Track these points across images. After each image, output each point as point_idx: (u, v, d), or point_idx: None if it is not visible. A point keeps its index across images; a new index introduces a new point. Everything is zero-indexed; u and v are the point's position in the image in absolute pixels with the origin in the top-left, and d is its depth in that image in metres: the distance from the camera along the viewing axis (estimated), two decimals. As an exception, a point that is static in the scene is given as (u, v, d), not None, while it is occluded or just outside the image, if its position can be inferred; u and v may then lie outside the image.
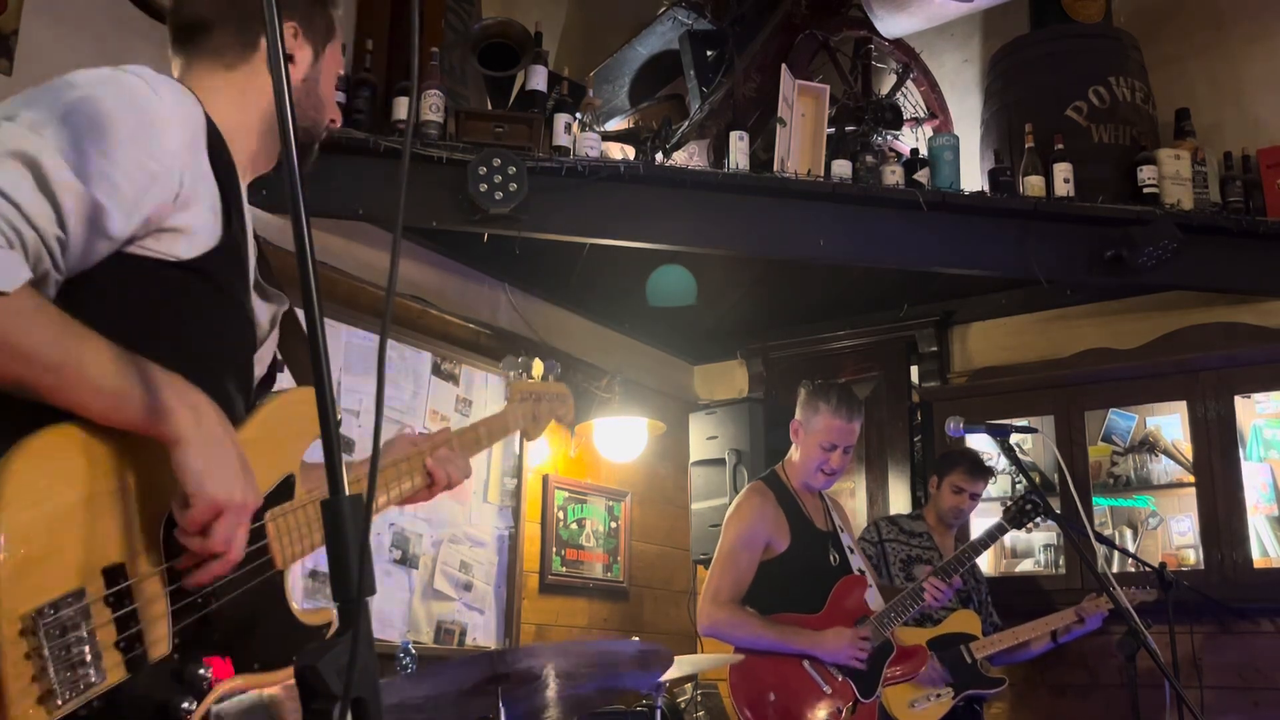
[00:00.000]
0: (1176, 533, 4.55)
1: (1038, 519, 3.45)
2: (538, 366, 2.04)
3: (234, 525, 1.19)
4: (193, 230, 1.28)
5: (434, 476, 1.69)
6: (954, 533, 4.12)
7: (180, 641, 1.18)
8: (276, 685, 1.29)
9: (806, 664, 3.14)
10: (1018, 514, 3.39)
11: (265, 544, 1.31)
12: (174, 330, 1.28)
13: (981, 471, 4.02)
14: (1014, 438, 2.95)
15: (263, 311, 1.46)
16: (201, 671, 1.18)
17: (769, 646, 3.13)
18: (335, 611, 1.34)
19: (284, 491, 1.35)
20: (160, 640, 1.16)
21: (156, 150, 1.23)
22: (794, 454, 3.37)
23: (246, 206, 1.41)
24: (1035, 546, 4.81)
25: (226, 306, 1.35)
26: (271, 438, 1.34)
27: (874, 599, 3.31)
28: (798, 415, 3.36)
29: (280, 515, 1.33)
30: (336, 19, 1.59)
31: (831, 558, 3.31)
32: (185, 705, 1.16)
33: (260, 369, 1.47)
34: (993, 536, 3.54)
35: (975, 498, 4.01)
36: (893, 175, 4.05)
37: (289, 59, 1.46)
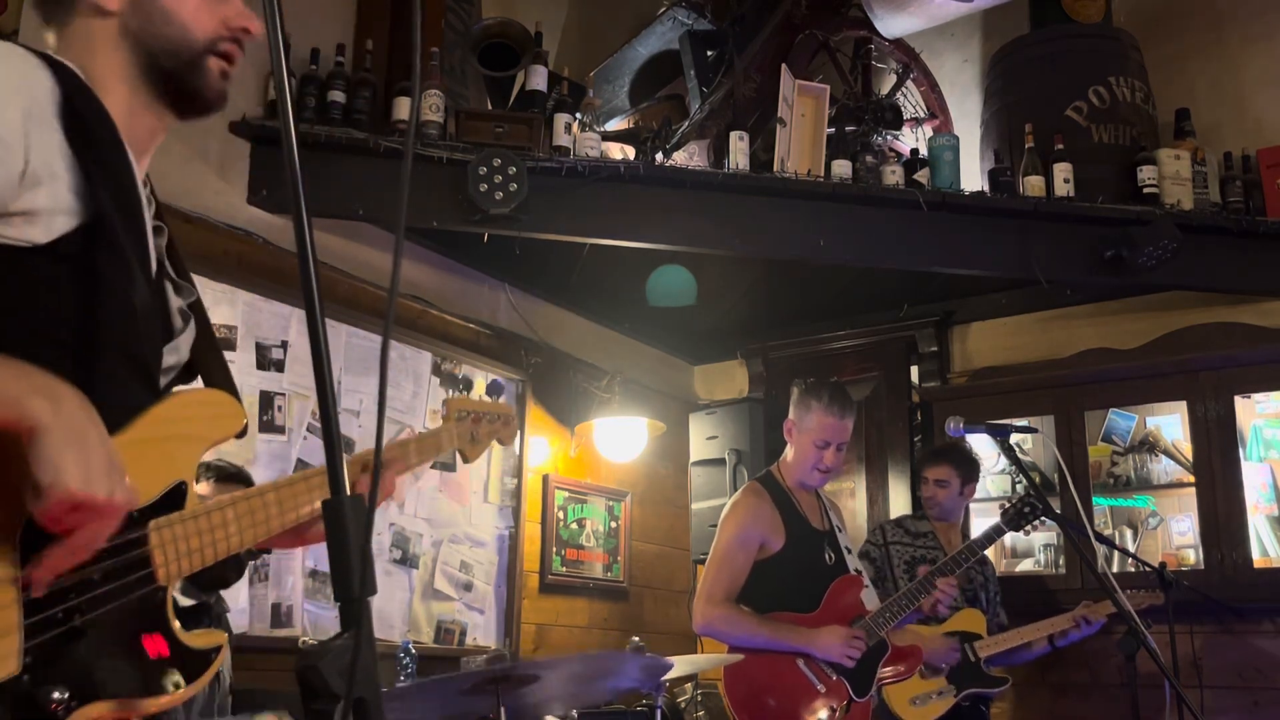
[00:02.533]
0: (1176, 533, 4.54)
1: (1036, 521, 3.44)
2: (479, 385, 1.96)
3: (101, 528, 1.05)
4: (47, 211, 1.14)
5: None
6: (958, 529, 4.12)
7: (32, 660, 1.04)
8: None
9: (801, 662, 3.13)
10: (1015, 515, 3.38)
11: (146, 555, 1.16)
12: (34, 321, 1.14)
13: (938, 456, 3.98)
14: (1014, 438, 2.95)
15: (170, 300, 1.34)
16: (55, 695, 1.05)
17: (763, 644, 3.12)
18: (225, 635, 1.25)
19: (173, 500, 1.22)
20: (8, 656, 1.02)
21: None
22: (788, 453, 3.37)
23: (139, 178, 1.26)
24: (1035, 546, 4.81)
25: (102, 291, 1.19)
26: (161, 439, 1.21)
27: (870, 598, 3.31)
28: (791, 414, 3.35)
29: (167, 525, 1.19)
30: None
31: (827, 556, 3.30)
32: None
33: (173, 358, 1.35)
34: (990, 538, 3.53)
35: (941, 484, 3.95)
36: (893, 175, 4.05)
37: None
